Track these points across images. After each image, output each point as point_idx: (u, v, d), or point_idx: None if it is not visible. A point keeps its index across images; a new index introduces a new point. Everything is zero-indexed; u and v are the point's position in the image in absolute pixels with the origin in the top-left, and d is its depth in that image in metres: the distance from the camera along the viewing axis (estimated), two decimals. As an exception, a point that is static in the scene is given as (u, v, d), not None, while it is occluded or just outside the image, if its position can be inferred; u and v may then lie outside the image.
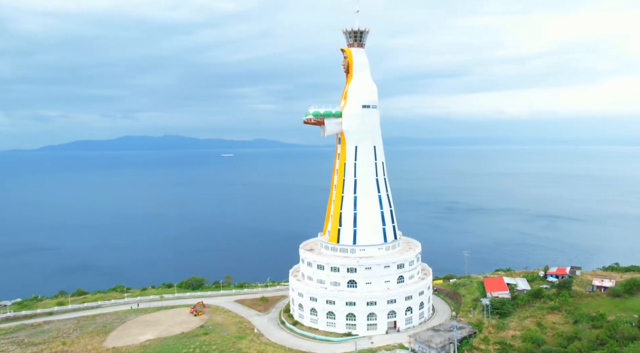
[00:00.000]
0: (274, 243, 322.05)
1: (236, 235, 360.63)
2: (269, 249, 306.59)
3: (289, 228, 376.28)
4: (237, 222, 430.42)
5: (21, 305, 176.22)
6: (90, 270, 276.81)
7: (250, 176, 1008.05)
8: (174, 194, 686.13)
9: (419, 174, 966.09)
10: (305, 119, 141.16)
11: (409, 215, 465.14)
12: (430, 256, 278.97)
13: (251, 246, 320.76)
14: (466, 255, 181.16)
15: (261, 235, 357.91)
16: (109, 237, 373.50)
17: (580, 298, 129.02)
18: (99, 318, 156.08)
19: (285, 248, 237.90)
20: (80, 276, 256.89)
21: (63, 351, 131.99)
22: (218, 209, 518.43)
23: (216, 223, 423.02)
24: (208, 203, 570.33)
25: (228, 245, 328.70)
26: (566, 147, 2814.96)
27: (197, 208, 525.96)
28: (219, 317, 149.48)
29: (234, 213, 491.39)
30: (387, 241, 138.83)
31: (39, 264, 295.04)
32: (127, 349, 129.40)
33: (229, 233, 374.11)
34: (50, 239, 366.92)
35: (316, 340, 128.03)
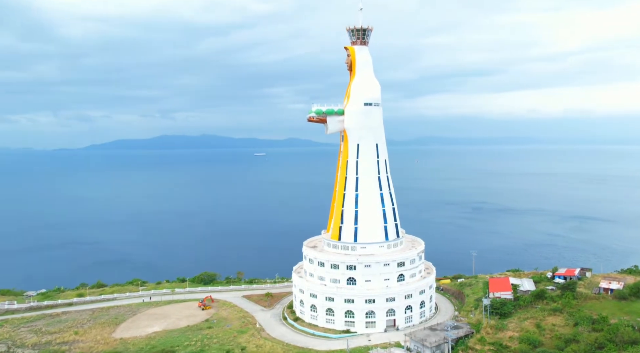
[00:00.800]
0: (291, 240, 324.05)
1: (256, 232, 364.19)
2: (285, 246, 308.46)
3: (309, 226, 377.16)
4: (258, 219, 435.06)
5: (45, 295, 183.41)
6: (116, 263, 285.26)
7: (279, 174, 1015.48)
8: (204, 192, 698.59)
9: (449, 174, 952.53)
10: (308, 116, 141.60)
11: (435, 215, 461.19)
12: (449, 256, 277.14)
13: (269, 243, 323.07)
14: (474, 254, 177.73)
15: (280, 232, 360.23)
16: (139, 232, 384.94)
17: (584, 300, 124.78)
18: (113, 310, 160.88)
19: (301, 245, 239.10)
20: (107, 269, 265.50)
21: (74, 340, 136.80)
22: (243, 206, 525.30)
23: (239, 220, 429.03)
24: (234, 201, 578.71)
25: (247, 241, 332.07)
26: (602, 147, 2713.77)
27: (223, 206, 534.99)
28: (225, 312, 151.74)
29: (257, 210, 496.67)
30: (388, 239, 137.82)
31: (73, 257, 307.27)
32: (134, 340, 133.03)
33: (250, 230, 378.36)
34: (88, 233, 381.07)
35: (315, 336, 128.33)
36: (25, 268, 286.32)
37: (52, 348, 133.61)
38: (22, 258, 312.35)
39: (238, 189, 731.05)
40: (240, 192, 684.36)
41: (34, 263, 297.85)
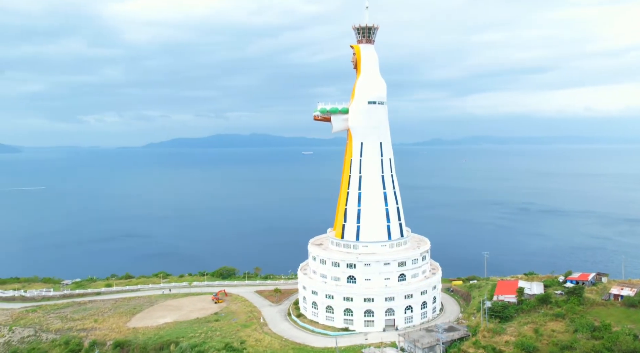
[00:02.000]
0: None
1: (285, 229, 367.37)
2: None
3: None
4: (290, 216, 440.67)
5: (78, 284, 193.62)
6: (155, 256, 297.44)
7: (324, 173, 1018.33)
8: (247, 189, 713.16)
9: (498, 174, 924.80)
10: (314, 115, 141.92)
11: (477, 215, 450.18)
12: (478, 256, 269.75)
13: (293, 239, 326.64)
14: (486, 255, 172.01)
15: (309, 228, 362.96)
16: (183, 227, 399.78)
17: (591, 306, 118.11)
18: (134, 300, 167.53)
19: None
20: (144, 261, 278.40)
21: (92, 328, 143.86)
22: (279, 204, 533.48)
23: (271, 217, 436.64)
24: (271, 198, 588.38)
25: (274, 238, 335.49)
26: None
27: (260, 203, 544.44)
28: (235, 306, 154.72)
29: (292, 207, 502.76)
30: (391, 239, 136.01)
31: (121, 249, 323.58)
32: (145, 330, 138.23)
33: (280, 226, 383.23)
34: (138, 227, 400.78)
35: (314, 333, 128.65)
36: (74, 258, 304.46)
37: (71, 334, 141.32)
38: (75, 249, 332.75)
39: (279, 187, 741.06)
40: (279, 190, 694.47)
41: (84, 254, 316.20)
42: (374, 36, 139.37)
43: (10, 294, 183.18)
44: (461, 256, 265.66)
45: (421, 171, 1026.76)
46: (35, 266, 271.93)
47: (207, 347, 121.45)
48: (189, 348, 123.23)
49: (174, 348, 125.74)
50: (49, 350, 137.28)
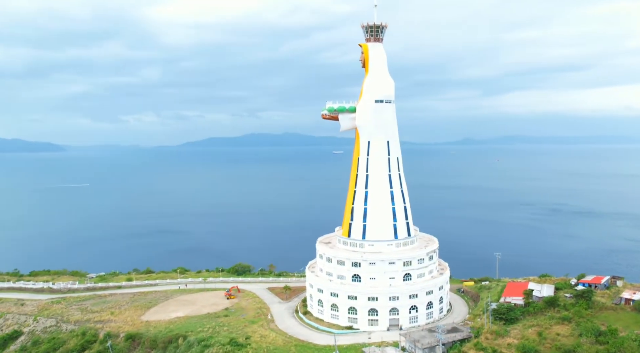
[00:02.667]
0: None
1: (306, 227, 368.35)
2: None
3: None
4: (312, 214, 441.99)
5: (102, 278, 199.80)
6: (182, 251, 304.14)
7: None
8: (279, 187, 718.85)
9: (531, 174, 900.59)
10: (321, 114, 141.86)
11: (506, 216, 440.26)
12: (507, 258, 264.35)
13: (313, 237, 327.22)
14: (498, 256, 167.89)
15: (328, 227, 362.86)
16: (213, 224, 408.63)
17: (599, 310, 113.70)
18: (151, 294, 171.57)
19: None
20: (168, 256, 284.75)
21: (108, 320, 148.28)
22: (305, 202, 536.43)
23: (294, 215, 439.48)
24: (300, 196, 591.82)
25: (296, 235, 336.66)
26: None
27: (286, 202, 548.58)
28: (246, 302, 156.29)
29: (314, 206, 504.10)
30: (397, 238, 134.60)
31: (152, 244, 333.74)
32: (157, 323, 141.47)
33: (300, 224, 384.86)
34: (170, 224, 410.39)
35: (319, 330, 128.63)
36: (106, 252, 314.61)
37: (89, 326, 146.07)
38: (108, 243, 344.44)
39: (308, 185, 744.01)
40: (308, 188, 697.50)
41: (116, 248, 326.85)
42: (383, 35, 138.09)
43: (40, 286, 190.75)
44: (481, 257, 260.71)
45: (451, 171, 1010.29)
46: (70, 259, 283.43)
47: (213, 342, 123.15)
48: (196, 342, 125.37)
49: (182, 342, 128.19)
50: (67, 340, 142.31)
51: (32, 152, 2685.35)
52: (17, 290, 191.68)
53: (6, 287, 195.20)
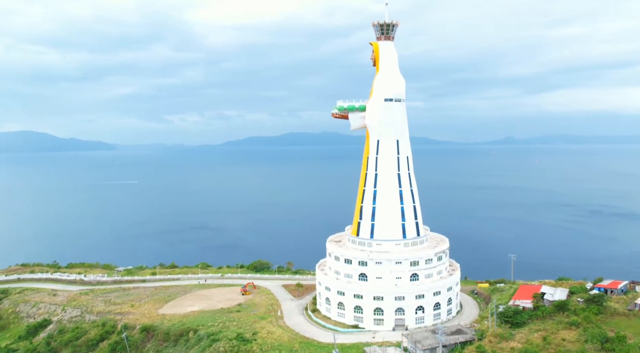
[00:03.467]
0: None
1: (332, 225, 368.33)
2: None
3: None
4: (339, 212, 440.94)
5: (129, 271, 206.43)
6: (209, 247, 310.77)
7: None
8: (316, 186, 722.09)
9: (573, 175, 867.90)
10: (332, 113, 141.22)
11: (544, 217, 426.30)
12: (533, 259, 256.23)
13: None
14: (513, 258, 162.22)
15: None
16: (246, 221, 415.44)
17: (611, 316, 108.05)
18: (171, 289, 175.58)
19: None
20: (197, 251, 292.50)
21: (128, 312, 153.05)
22: (335, 201, 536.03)
23: (326, 213, 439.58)
24: (330, 195, 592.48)
25: (321, 233, 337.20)
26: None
27: (319, 200, 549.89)
28: (259, 298, 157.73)
29: (348, 205, 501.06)
30: (406, 237, 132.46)
31: (188, 239, 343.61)
32: (172, 317, 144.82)
33: (327, 223, 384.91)
34: (207, 220, 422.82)
35: (325, 328, 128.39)
36: (143, 247, 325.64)
37: (109, 317, 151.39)
38: (147, 238, 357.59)
39: (342, 183, 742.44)
40: (341, 186, 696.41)
41: (154, 243, 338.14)
42: (394, 33, 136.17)
43: (73, 278, 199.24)
44: (507, 259, 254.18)
45: (489, 171, 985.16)
46: (109, 253, 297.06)
47: (221, 336, 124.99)
48: (206, 336, 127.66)
49: (193, 336, 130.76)
50: (89, 330, 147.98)
51: (85, 151, 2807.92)
52: (53, 281, 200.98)
53: (44, 278, 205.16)
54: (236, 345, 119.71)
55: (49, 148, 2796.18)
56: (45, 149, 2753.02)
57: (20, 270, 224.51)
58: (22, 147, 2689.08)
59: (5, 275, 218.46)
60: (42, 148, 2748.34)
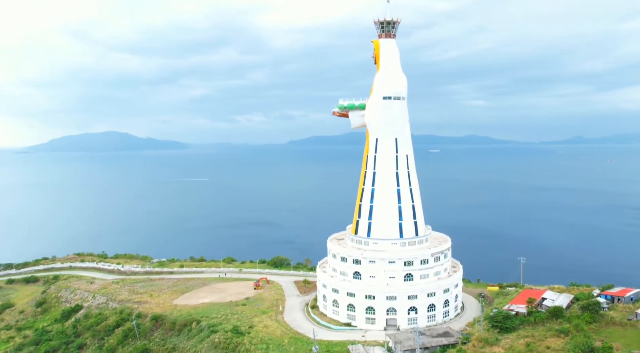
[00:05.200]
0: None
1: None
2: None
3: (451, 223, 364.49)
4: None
5: (161, 263, 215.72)
6: (251, 243, 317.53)
7: (444, 171, 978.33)
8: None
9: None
10: (332, 111, 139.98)
11: (603, 220, 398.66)
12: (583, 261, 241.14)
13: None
14: (522, 261, 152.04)
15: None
16: (296, 218, 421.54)
17: (606, 325, 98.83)
18: (191, 281, 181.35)
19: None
20: (235, 246, 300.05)
21: (145, 301, 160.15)
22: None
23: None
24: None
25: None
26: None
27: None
28: (268, 293, 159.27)
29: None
30: (403, 237, 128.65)
31: (242, 235, 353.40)
32: (184, 307, 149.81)
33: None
34: (261, 217, 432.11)
35: (319, 325, 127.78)
36: (199, 240, 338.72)
37: (127, 305, 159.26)
38: (205, 232, 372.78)
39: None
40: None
41: (208, 237, 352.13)
42: (395, 30, 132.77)
43: (112, 267, 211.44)
44: (565, 263, 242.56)
45: (552, 172, 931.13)
46: (162, 245, 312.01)
47: (219, 328, 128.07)
48: (207, 328, 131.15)
49: (195, 326, 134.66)
50: (109, 316, 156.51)
51: (161, 149, 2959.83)
52: (96, 269, 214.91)
53: (90, 267, 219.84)
54: (230, 337, 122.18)
55: (130, 147, 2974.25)
56: (127, 148, 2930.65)
57: (74, 259, 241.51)
58: (108, 146, 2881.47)
59: (61, 263, 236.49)
60: (124, 147, 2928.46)
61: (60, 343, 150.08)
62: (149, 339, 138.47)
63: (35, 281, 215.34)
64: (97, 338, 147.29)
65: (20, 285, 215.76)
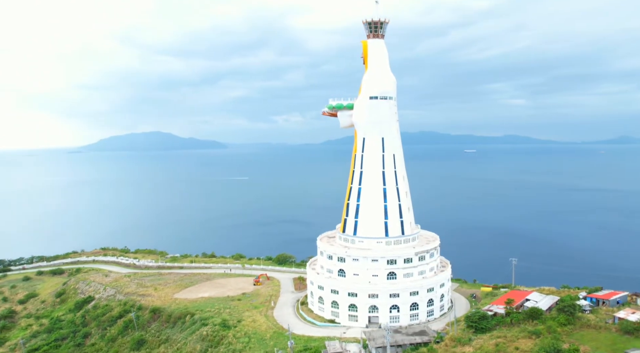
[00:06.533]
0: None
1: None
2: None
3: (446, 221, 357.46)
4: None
5: (174, 258, 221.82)
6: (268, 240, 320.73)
7: (477, 171, 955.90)
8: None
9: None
10: (322, 111, 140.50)
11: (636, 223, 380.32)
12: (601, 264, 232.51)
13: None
14: (514, 262, 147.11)
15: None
16: (319, 216, 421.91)
17: (581, 327, 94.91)
18: (197, 276, 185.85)
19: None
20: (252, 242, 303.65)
21: (148, 294, 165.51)
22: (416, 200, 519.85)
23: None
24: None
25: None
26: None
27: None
28: (265, 289, 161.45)
29: (427, 204, 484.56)
30: (388, 236, 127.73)
31: (264, 232, 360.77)
32: (183, 301, 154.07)
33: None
34: (289, 215, 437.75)
35: (305, 321, 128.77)
36: (222, 238, 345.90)
37: (132, 298, 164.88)
38: (233, 230, 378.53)
39: (424, 184, 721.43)
40: (424, 187, 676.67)
41: (236, 235, 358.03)
42: (383, 31, 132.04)
43: (129, 262, 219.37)
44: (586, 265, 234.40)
45: (592, 172, 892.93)
46: (187, 242, 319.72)
47: (209, 321, 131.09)
48: (199, 321, 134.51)
49: (189, 319, 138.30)
50: (114, 308, 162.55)
51: (202, 149, 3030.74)
52: (115, 263, 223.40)
53: (111, 261, 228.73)
54: (217, 330, 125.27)
55: (173, 147, 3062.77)
56: (170, 147, 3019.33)
57: (98, 253, 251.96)
58: (152, 146, 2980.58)
59: (86, 257, 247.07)
60: (167, 147, 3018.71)
61: (68, 331, 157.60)
62: (146, 330, 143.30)
63: (61, 273, 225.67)
64: (101, 328, 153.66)
65: (48, 277, 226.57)
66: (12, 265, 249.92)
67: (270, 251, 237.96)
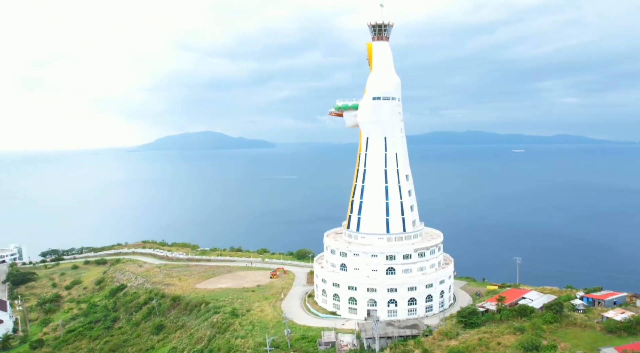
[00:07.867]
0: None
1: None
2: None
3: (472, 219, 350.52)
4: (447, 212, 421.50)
5: (203, 252, 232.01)
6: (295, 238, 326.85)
7: (525, 172, 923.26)
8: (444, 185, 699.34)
9: None
10: (329, 111, 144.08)
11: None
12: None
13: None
14: (518, 261, 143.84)
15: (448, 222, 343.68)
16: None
17: (567, 325, 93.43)
18: (220, 269, 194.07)
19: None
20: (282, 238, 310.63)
21: (172, 284, 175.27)
22: (453, 202, 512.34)
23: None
24: (450, 197, 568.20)
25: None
26: None
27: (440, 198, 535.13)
28: (280, 281, 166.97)
29: (466, 206, 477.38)
30: (389, 232, 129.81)
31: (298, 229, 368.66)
32: (202, 291, 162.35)
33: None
34: (324, 212, 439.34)
35: (309, 312, 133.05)
36: (256, 233, 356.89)
37: (157, 286, 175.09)
38: (268, 227, 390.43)
39: (480, 183, 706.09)
40: (464, 187, 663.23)
41: (269, 231, 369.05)
42: (388, 33, 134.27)
43: (163, 254, 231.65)
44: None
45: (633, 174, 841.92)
46: (222, 236, 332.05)
47: (221, 310, 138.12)
48: (212, 309, 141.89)
49: (204, 307, 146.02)
50: (141, 295, 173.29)
51: (251, 148, 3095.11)
52: (151, 255, 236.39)
53: (148, 253, 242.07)
54: (226, 318, 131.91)
55: (223, 146, 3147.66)
56: (221, 147, 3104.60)
57: (138, 245, 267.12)
58: (204, 145, 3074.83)
59: (127, 248, 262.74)
60: (218, 146, 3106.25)
61: (101, 315, 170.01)
62: (166, 316, 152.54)
63: (104, 263, 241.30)
64: (128, 313, 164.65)
65: (93, 266, 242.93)
66: (65, 254, 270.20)
67: (295, 246, 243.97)
